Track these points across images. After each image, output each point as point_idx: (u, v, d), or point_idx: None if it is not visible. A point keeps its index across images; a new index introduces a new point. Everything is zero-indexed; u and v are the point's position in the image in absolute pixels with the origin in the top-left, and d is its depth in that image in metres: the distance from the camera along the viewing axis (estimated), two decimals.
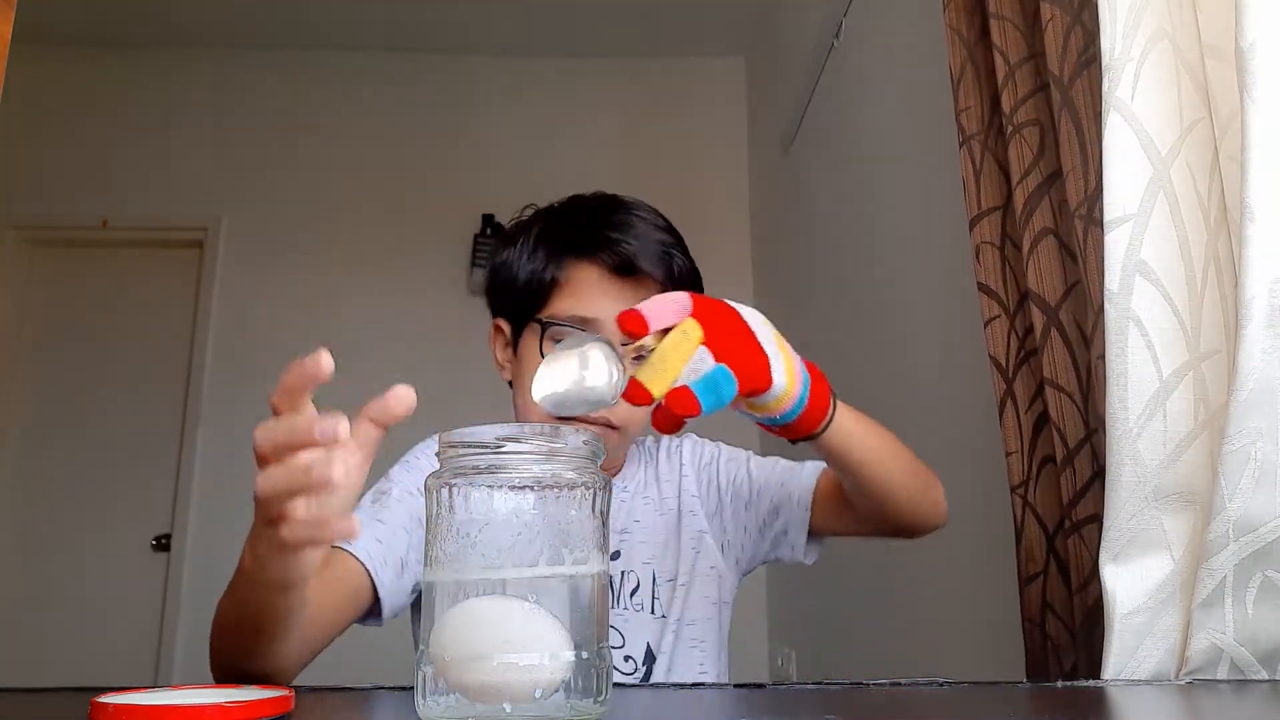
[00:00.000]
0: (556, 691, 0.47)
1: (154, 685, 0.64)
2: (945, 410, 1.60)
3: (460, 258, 3.39)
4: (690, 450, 1.05)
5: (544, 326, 0.92)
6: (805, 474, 0.97)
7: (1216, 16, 0.73)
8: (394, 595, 0.86)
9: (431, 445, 0.99)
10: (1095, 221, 0.82)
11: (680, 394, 0.61)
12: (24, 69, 1.90)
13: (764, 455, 1.04)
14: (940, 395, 1.63)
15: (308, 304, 3.34)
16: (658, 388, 0.60)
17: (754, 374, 0.65)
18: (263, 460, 0.51)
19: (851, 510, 0.90)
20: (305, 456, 0.49)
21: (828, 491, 0.94)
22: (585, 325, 0.91)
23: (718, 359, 0.63)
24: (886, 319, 1.94)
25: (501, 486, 0.49)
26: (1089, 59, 0.86)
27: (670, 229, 0.97)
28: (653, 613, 0.96)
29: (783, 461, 1.00)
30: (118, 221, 3.45)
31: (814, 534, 0.97)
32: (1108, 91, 0.73)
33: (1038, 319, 0.89)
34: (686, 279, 0.96)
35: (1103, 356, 0.73)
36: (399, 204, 3.48)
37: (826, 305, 2.39)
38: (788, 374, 0.67)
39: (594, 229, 0.94)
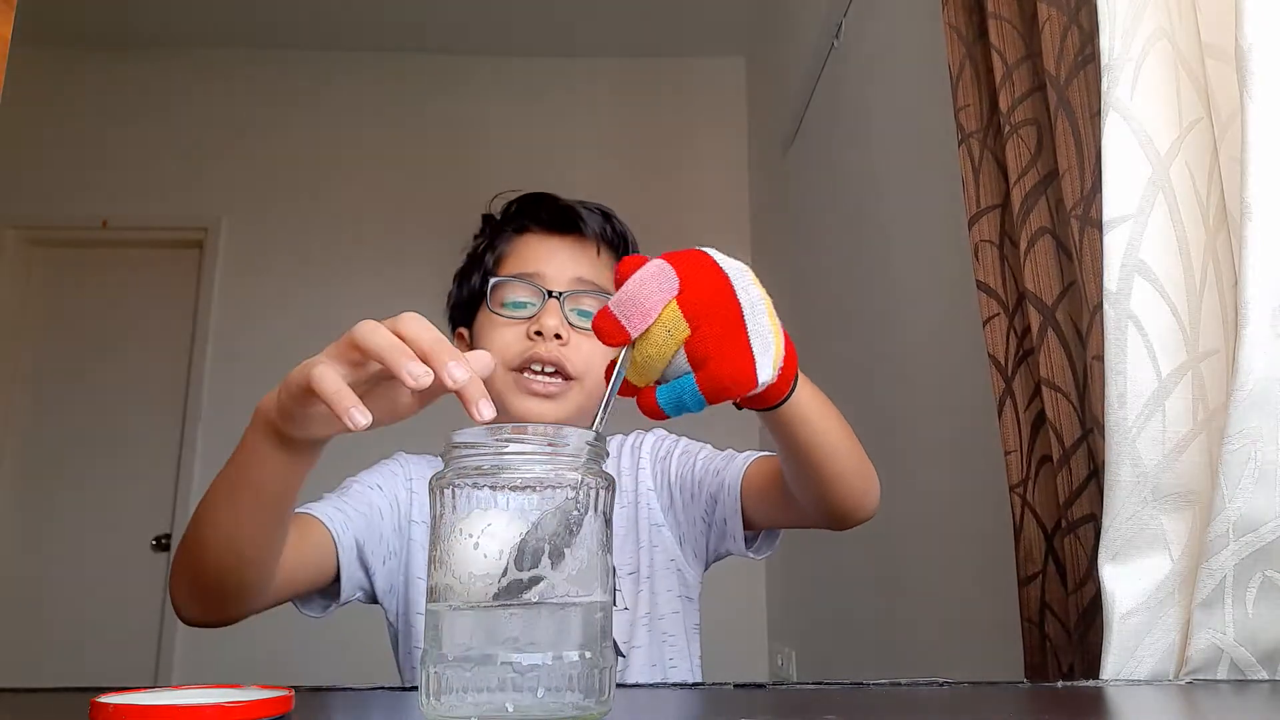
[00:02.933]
0: (560, 692, 0.47)
1: (154, 685, 0.64)
2: (945, 409, 1.60)
3: (459, 258, 3.39)
4: (651, 445, 1.05)
5: (490, 290, 0.98)
6: (737, 462, 0.93)
7: (1216, 16, 0.73)
8: (350, 568, 0.89)
9: (400, 457, 1.03)
10: (1091, 221, 0.82)
11: (646, 398, 0.59)
12: (24, 69, 1.90)
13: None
14: (940, 394, 1.63)
15: (307, 304, 3.35)
16: (640, 382, 0.60)
17: (734, 381, 0.58)
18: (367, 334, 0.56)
19: (785, 498, 0.85)
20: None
21: (759, 480, 0.90)
22: (529, 279, 0.97)
23: (696, 365, 0.58)
24: (887, 318, 1.94)
25: (504, 487, 0.49)
26: (1085, 59, 0.86)
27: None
28: (615, 605, 0.96)
29: (731, 451, 0.98)
30: (118, 221, 3.45)
31: (752, 526, 0.94)
32: (1107, 91, 0.73)
33: (1034, 319, 0.89)
34: (621, 242, 1.01)
35: (1099, 357, 0.73)
36: (398, 204, 3.48)
37: (827, 305, 2.39)
38: (773, 366, 0.60)
39: (531, 203, 1.03)
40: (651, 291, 0.57)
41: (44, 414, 3.36)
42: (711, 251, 0.61)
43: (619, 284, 0.58)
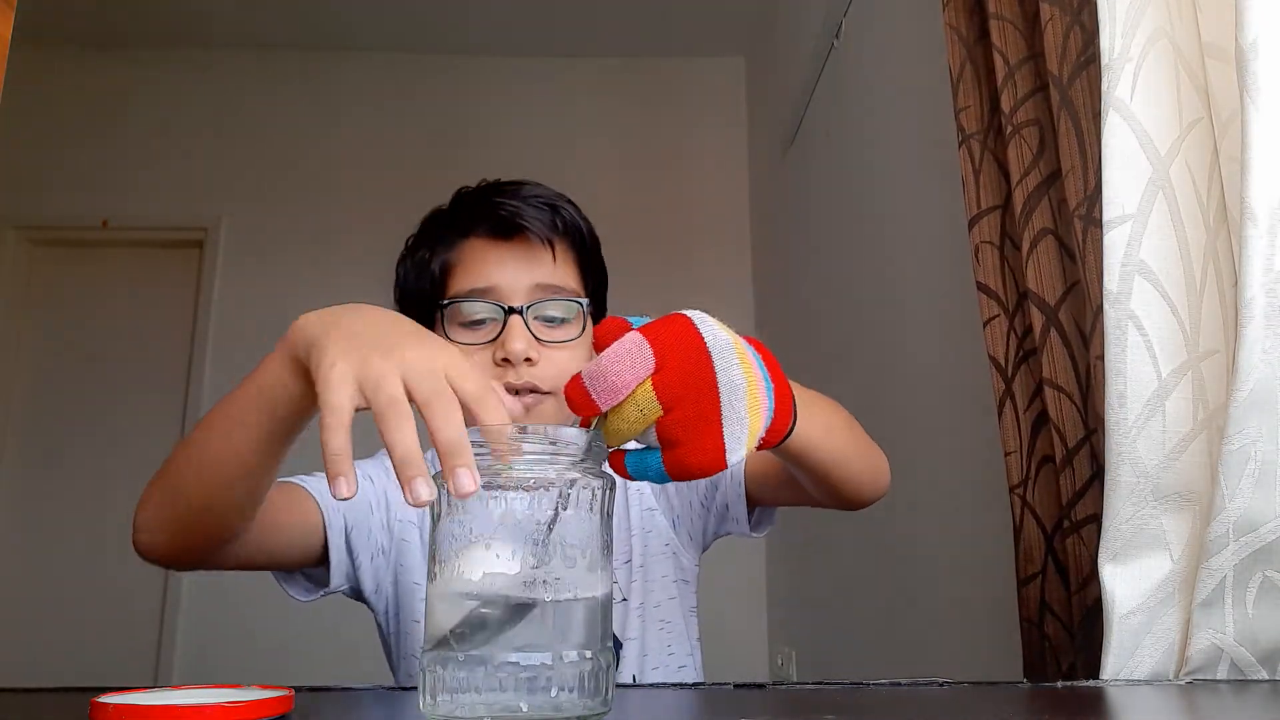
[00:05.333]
0: (563, 691, 0.47)
1: (154, 685, 0.64)
2: (944, 410, 1.60)
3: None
4: None
5: (444, 310, 0.91)
6: None
7: (1216, 16, 0.73)
8: (339, 551, 0.87)
9: (381, 457, 0.97)
10: (1094, 221, 0.82)
11: (614, 459, 0.58)
12: (24, 69, 1.91)
13: None
14: (939, 395, 1.63)
15: (307, 304, 3.31)
16: (611, 443, 0.58)
17: (700, 467, 0.57)
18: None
19: (792, 486, 0.84)
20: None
21: (763, 465, 0.89)
22: (484, 295, 0.90)
23: (665, 445, 0.56)
24: (886, 318, 1.94)
25: (510, 487, 0.49)
26: (1088, 59, 0.86)
27: (560, 195, 0.97)
28: (614, 598, 0.94)
29: None
30: (118, 221, 3.45)
31: (755, 505, 0.93)
32: (1107, 91, 0.73)
33: (1036, 319, 0.89)
34: (574, 231, 0.95)
35: (1102, 357, 0.73)
36: (398, 204, 3.46)
37: (827, 305, 2.39)
38: (747, 447, 0.58)
39: (473, 204, 0.95)
40: (624, 370, 0.54)
41: (44, 413, 3.36)
42: (699, 320, 0.58)
43: (598, 348, 0.56)
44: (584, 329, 0.93)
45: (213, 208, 3.46)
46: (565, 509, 0.49)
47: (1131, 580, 0.70)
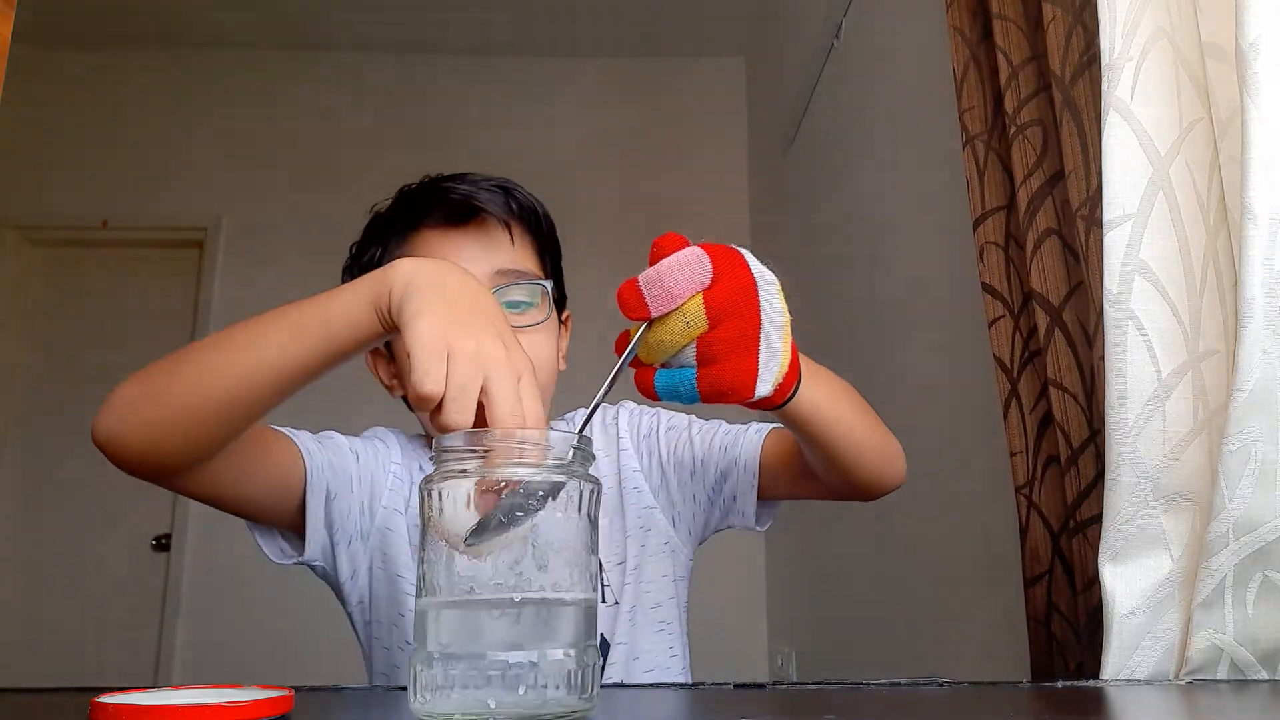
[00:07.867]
0: (543, 689, 0.47)
1: (154, 685, 0.64)
2: (949, 410, 1.60)
3: None
4: (628, 421, 0.99)
5: None
6: (750, 438, 0.90)
7: (1217, 16, 0.73)
8: (316, 517, 0.82)
9: (381, 435, 0.95)
10: (1097, 222, 0.82)
11: (643, 376, 0.59)
12: (24, 69, 1.91)
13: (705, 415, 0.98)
14: (944, 395, 1.63)
15: None
16: (645, 359, 0.60)
17: (732, 389, 0.59)
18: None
19: (807, 475, 0.83)
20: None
21: (776, 456, 0.88)
22: None
23: (701, 362, 0.58)
24: (888, 319, 1.94)
25: (494, 490, 0.49)
26: (1090, 59, 0.86)
27: (507, 179, 0.94)
28: (604, 600, 0.90)
29: (724, 424, 0.94)
30: (118, 221, 3.45)
31: (764, 498, 0.91)
32: (1107, 91, 0.73)
33: (1041, 319, 0.89)
34: (529, 213, 0.92)
35: (1104, 357, 0.73)
36: None
37: (827, 305, 2.39)
38: (772, 384, 0.61)
39: (422, 195, 0.92)
40: (682, 278, 0.56)
41: (44, 414, 3.36)
42: (747, 255, 0.60)
43: (654, 259, 0.58)
44: (549, 313, 0.90)
45: (213, 208, 3.46)
46: (551, 511, 0.49)
47: (1131, 580, 0.70)
